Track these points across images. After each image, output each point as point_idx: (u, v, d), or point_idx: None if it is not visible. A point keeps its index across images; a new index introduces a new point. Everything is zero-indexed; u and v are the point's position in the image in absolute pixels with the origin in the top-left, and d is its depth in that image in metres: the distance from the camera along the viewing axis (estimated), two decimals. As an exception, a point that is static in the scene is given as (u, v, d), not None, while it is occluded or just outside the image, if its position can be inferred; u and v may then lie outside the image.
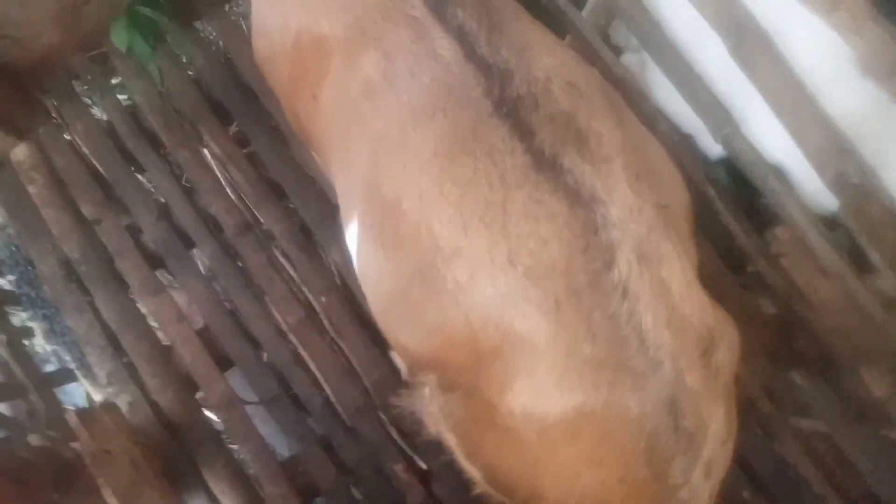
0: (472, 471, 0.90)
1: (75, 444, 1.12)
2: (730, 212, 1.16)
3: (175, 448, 1.49)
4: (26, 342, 1.55)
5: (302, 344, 1.59)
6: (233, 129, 1.72)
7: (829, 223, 1.09)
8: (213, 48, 1.69)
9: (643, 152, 0.77)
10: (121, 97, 1.68)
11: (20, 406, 1.39)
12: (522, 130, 0.72)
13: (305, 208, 1.65)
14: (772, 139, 1.05)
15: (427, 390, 0.87)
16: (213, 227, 1.63)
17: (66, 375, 1.59)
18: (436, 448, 1.56)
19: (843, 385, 1.17)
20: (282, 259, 1.64)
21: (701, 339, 0.68)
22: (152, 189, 1.66)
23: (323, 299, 1.61)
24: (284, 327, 1.59)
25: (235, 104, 1.67)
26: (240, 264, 1.63)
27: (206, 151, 1.65)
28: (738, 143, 1.09)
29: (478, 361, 0.74)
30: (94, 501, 1.06)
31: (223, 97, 1.67)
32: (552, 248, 0.68)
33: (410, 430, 1.59)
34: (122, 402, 1.48)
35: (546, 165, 0.70)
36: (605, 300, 0.66)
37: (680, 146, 1.03)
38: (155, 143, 1.66)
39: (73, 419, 1.10)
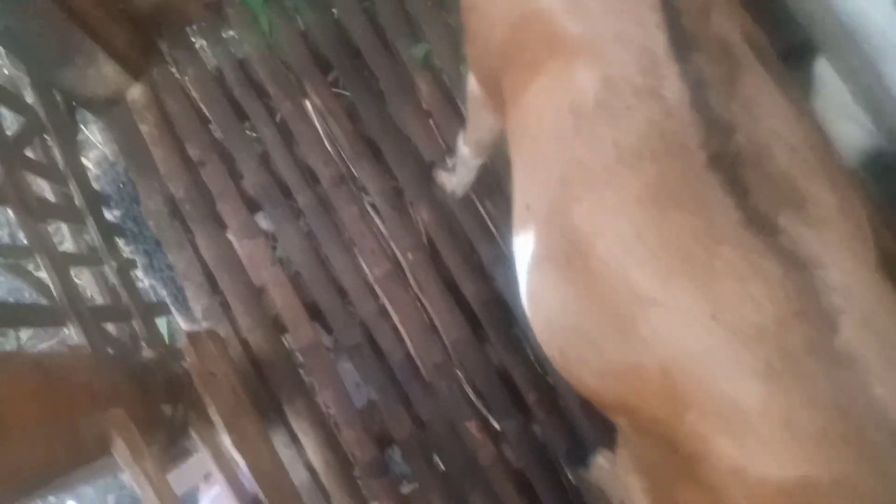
0: None
1: (184, 363, 1.18)
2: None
3: (261, 385, 1.55)
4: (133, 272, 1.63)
5: (387, 297, 1.62)
6: (336, 87, 1.77)
7: None
8: (324, 6, 1.73)
9: (855, 214, 0.72)
10: (231, 48, 1.74)
11: (123, 330, 1.47)
12: (736, 187, 0.68)
13: (399, 167, 1.68)
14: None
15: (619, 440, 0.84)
16: (310, 177, 1.68)
17: (161, 308, 1.66)
18: (509, 410, 1.59)
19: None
20: (373, 214, 1.68)
21: None
22: (255, 137, 1.72)
23: (409, 256, 1.65)
24: (371, 279, 1.63)
25: (341, 61, 1.71)
26: (332, 216, 1.67)
27: (308, 104, 1.69)
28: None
29: (675, 414, 0.70)
30: (199, 415, 1.11)
31: (329, 54, 1.71)
32: (762, 309, 0.64)
33: (485, 390, 1.61)
34: (215, 337, 1.54)
35: (759, 224, 0.66)
36: (828, 368, 0.61)
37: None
38: (261, 93, 1.71)
39: (183, 339, 1.16)
